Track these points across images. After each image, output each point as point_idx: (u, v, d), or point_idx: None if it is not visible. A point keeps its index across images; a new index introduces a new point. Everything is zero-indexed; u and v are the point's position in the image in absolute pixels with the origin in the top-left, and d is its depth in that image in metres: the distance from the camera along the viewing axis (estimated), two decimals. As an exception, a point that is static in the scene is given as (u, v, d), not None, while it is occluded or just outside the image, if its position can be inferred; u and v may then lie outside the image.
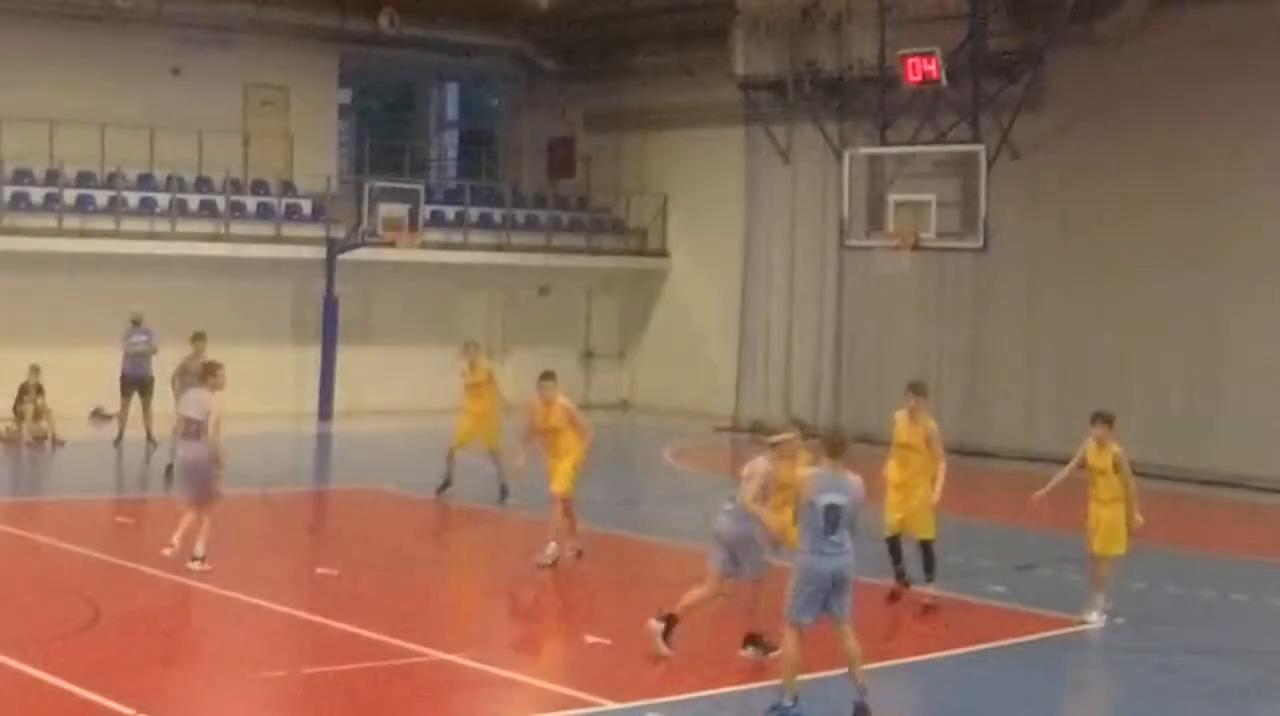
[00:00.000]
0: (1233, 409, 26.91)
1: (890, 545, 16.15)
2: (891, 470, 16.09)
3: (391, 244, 31.30)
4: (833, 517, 11.89)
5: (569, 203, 37.52)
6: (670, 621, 13.45)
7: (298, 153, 34.15)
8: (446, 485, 22.04)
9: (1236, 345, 27.10)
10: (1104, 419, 15.46)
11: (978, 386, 30.28)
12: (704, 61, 34.07)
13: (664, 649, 13.36)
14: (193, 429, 16.58)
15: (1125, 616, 15.57)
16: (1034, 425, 28.68)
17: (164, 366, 26.92)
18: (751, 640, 13.51)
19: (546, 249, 35.80)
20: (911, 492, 16.10)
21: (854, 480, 12.12)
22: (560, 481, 17.60)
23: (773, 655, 12.93)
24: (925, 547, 16.02)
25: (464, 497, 22.34)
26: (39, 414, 26.75)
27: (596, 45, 36.57)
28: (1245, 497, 25.55)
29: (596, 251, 36.54)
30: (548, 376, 18.05)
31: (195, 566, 16.26)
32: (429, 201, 33.39)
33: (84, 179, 30.94)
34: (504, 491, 21.70)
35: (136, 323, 26.62)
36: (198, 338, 23.05)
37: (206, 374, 16.97)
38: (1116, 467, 15.32)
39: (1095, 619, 15.30)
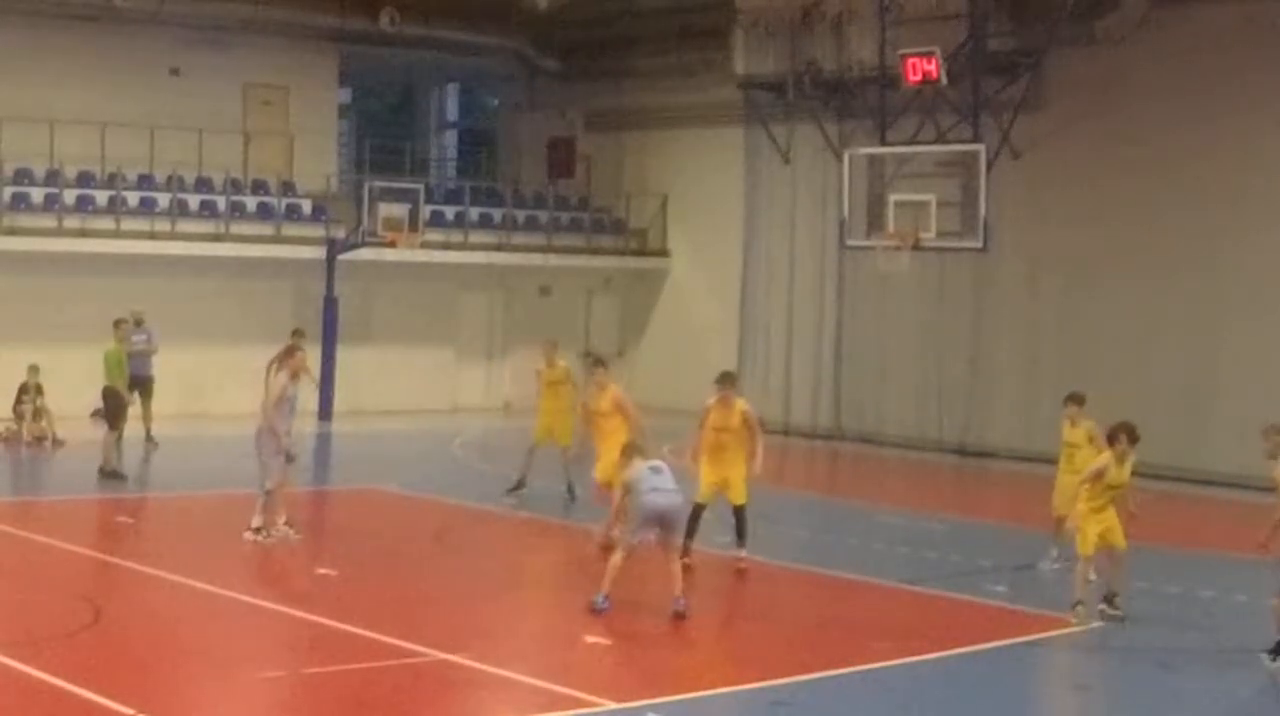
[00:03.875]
0: (1233, 408, 26.87)
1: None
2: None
3: (391, 244, 31.29)
4: None
5: (569, 203, 37.51)
6: None
7: (298, 153, 34.15)
8: (520, 486, 21.95)
9: (1236, 344, 27.10)
10: (1075, 399, 17.96)
11: (978, 386, 30.29)
12: (704, 61, 34.07)
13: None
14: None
15: (1125, 616, 15.57)
16: (1034, 425, 28.64)
17: (163, 366, 26.94)
18: None
19: (546, 249, 35.80)
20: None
21: None
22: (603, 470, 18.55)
23: None
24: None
25: (464, 497, 22.34)
26: (38, 414, 26.73)
27: (596, 45, 36.57)
28: (1245, 497, 25.49)
29: (596, 251, 36.54)
30: (600, 363, 19.80)
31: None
32: (429, 201, 33.38)
33: (84, 179, 30.93)
34: (571, 491, 21.67)
35: (138, 323, 26.54)
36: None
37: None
38: (1091, 441, 17.19)
39: (1046, 566, 17.63)
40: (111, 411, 23.34)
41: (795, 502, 20.98)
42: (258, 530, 18.23)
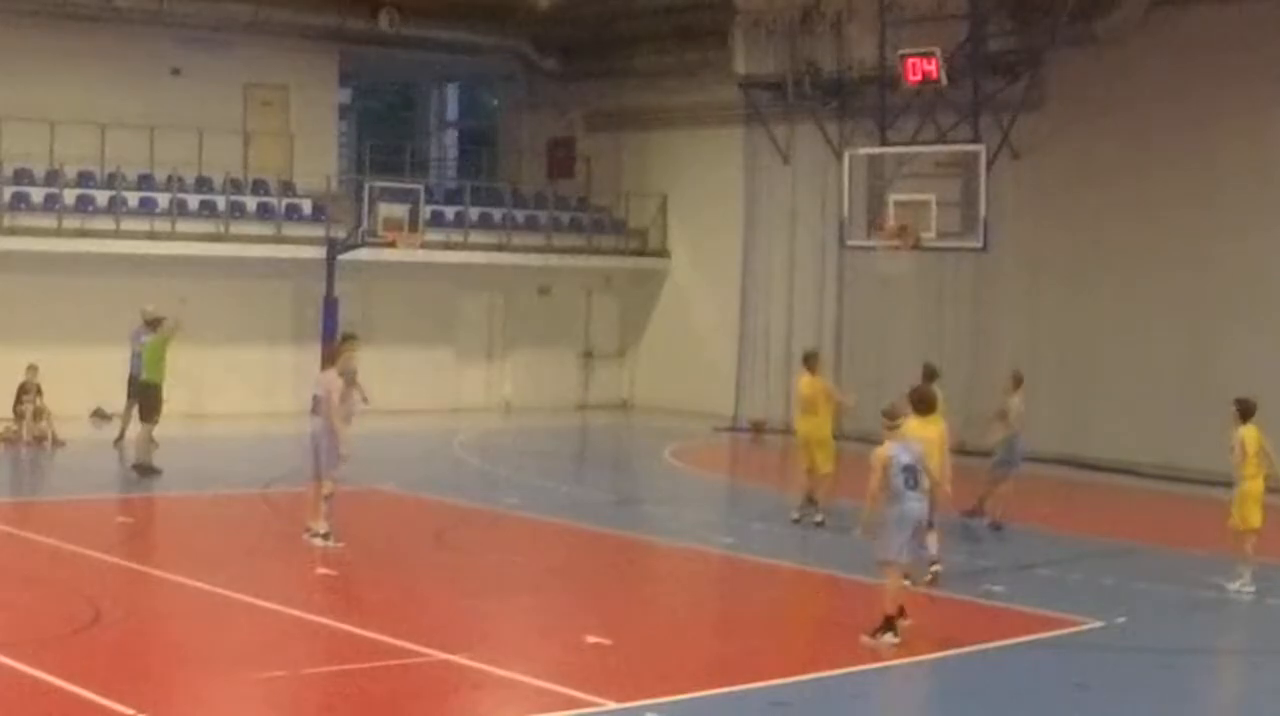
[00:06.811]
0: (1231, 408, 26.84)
1: None
2: None
3: (391, 244, 31.30)
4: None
5: (569, 203, 37.52)
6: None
7: (298, 153, 34.16)
8: (810, 505, 20.87)
9: (1235, 345, 27.08)
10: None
11: (978, 386, 30.24)
12: (704, 61, 34.08)
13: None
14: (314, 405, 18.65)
15: (1125, 616, 15.59)
16: (1034, 425, 28.59)
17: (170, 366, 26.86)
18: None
19: (546, 249, 35.80)
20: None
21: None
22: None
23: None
24: None
25: (464, 497, 22.34)
26: (38, 414, 26.72)
27: (596, 45, 36.57)
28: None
29: (596, 251, 36.53)
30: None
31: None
32: (429, 201, 33.38)
33: (84, 179, 30.94)
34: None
35: (149, 322, 26.38)
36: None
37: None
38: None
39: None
40: (149, 405, 23.17)
41: (795, 502, 20.95)
42: (325, 536, 18.21)
